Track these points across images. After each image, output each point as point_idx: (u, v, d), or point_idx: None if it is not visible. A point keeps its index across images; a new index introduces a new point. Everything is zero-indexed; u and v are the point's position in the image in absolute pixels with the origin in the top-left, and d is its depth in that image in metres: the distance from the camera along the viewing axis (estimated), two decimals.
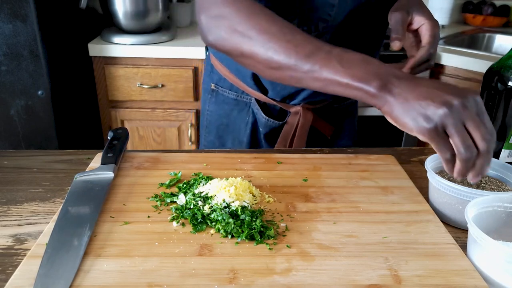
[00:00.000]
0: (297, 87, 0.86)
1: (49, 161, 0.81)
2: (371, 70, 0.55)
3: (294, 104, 0.91)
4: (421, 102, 0.51)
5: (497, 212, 0.59)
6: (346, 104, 0.98)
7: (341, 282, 0.51)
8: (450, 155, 0.52)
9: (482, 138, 0.50)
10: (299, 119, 0.91)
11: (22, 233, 0.60)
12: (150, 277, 0.51)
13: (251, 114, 0.94)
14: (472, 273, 0.53)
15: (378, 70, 0.55)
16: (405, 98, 0.53)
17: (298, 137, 0.92)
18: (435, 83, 0.53)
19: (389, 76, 0.55)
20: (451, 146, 0.51)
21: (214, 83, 0.98)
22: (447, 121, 0.50)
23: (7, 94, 1.60)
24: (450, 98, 0.51)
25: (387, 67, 0.56)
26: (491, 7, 2.23)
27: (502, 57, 0.74)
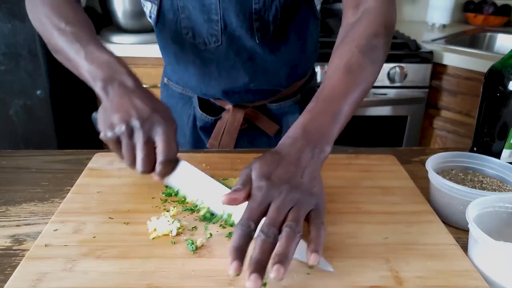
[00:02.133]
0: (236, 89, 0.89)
1: (48, 161, 0.80)
2: (104, 72, 0.62)
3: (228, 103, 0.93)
4: (114, 111, 0.59)
5: (498, 212, 0.59)
6: (286, 105, 0.96)
7: (342, 284, 0.50)
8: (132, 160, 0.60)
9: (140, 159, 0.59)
10: (228, 117, 0.93)
11: (21, 234, 0.60)
12: (149, 279, 0.50)
13: (193, 108, 0.97)
14: (473, 274, 0.52)
15: (110, 73, 0.62)
16: (111, 102, 0.60)
17: (226, 133, 0.93)
18: (142, 99, 0.60)
19: (115, 80, 0.62)
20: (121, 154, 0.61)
21: (167, 78, 1.02)
22: (121, 136, 0.59)
23: (6, 94, 1.60)
24: (132, 117, 0.58)
25: (122, 73, 0.62)
26: (492, 6, 2.22)
27: (504, 57, 0.74)
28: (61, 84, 1.69)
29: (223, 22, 0.81)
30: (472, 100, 1.70)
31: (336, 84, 0.61)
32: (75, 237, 0.57)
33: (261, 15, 0.80)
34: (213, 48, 0.84)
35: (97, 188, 0.68)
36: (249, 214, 0.48)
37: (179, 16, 0.82)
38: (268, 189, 0.49)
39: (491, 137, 0.75)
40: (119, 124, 0.58)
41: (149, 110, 0.59)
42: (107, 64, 0.63)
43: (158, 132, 0.59)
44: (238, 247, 0.45)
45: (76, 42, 0.66)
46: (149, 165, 0.60)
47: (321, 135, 0.56)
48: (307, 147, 0.54)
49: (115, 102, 0.60)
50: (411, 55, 1.72)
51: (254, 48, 0.84)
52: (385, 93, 1.74)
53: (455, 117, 1.76)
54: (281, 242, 0.46)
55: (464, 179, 0.68)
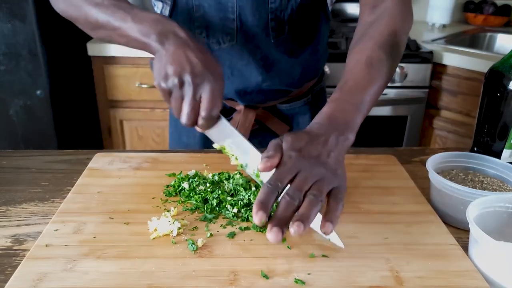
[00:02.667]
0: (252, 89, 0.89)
1: (48, 161, 0.80)
2: (156, 27, 0.63)
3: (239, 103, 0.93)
4: (169, 63, 0.59)
5: (498, 212, 0.59)
6: (296, 105, 0.97)
7: (343, 284, 0.50)
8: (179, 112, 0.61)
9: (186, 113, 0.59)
10: (240, 117, 0.93)
11: (21, 234, 0.60)
12: (150, 279, 0.50)
13: None
14: (474, 274, 0.52)
15: (163, 27, 0.63)
16: (167, 51, 0.61)
17: None
18: (196, 53, 0.60)
19: (169, 33, 0.62)
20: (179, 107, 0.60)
21: None
22: (173, 88, 0.59)
23: (6, 94, 1.60)
24: (184, 72, 0.58)
25: (174, 26, 0.63)
26: (492, 6, 2.22)
27: (504, 57, 0.74)
28: (61, 84, 1.69)
29: (239, 21, 0.81)
30: (472, 100, 1.70)
31: (359, 77, 0.64)
32: (75, 237, 0.57)
33: (277, 15, 0.81)
34: (227, 47, 0.84)
35: (97, 188, 0.68)
36: (278, 176, 0.50)
37: (194, 15, 0.82)
38: (298, 159, 0.52)
39: (491, 137, 0.75)
40: (172, 76, 0.59)
41: (201, 66, 0.59)
42: (157, 20, 0.64)
43: (206, 89, 0.59)
44: (263, 201, 0.48)
45: (119, 10, 0.66)
46: (193, 119, 0.61)
47: (345, 124, 0.58)
48: (333, 134, 0.56)
49: (171, 52, 0.60)
50: (411, 55, 1.72)
51: (268, 48, 0.84)
52: (385, 93, 1.74)
53: (455, 117, 1.76)
54: (303, 205, 0.48)
55: (464, 179, 0.68)
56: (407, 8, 0.73)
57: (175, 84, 0.59)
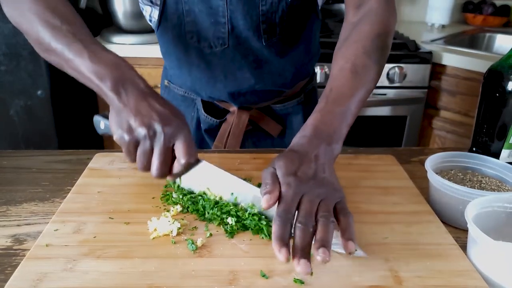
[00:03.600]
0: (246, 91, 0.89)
1: (49, 161, 0.81)
2: (112, 72, 0.60)
3: (232, 105, 0.93)
4: (133, 114, 0.57)
5: (497, 212, 0.59)
6: (289, 105, 0.97)
7: (342, 283, 0.51)
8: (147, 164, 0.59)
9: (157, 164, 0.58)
10: (234, 119, 0.93)
11: (21, 234, 0.60)
12: (150, 279, 0.50)
13: (196, 110, 0.97)
14: (473, 274, 0.53)
15: (120, 74, 0.60)
16: (125, 105, 0.58)
17: (232, 135, 0.94)
18: (160, 102, 0.59)
19: (126, 81, 0.59)
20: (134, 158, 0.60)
21: (167, 80, 1.02)
22: (141, 139, 0.58)
23: (6, 94, 1.60)
24: (153, 121, 0.57)
25: (133, 75, 0.61)
26: (492, 7, 2.22)
27: (503, 57, 0.74)
28: (62, 84, 1.69)
29: (230, 25, 0.81)
30: (471, 100, 1.70)
31: (343, 85, 0.63)
32: (75, 237, 0.57)
33: (268, 17, 0.81)
34: (219, 51, 0.84)
35: (97, 188, 0.69)
36: (285, 207, 0.50)
37: (184, 20, 0.82)
38: (298, 184, 0.52)
39: (490, 137, 0.76)
40: (140, 127, 0.57)
41: (169, 113, 0.58)
42: (114, 64, 0.61)
43: (180, 136, 0.58)
44: (281, 237, 0.48)
45: (76, 42, 0.62)
46: (166, 170, 0.59)
47: (332, 134, 0.59)
48: (321, 145, 0.57)
49: (131, 104, 0.58)
50: (410, 56, 1.72)
51: (260, 50, 0.85)
52: (384, 93, 1.75)
53: (454, 117, 1.76)
54: (319, 230, 0.49)
55: (463, 179, 0.69)
56: (391, 8, 0.73)
57: (143, 135, 0.57)
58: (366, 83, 0.65)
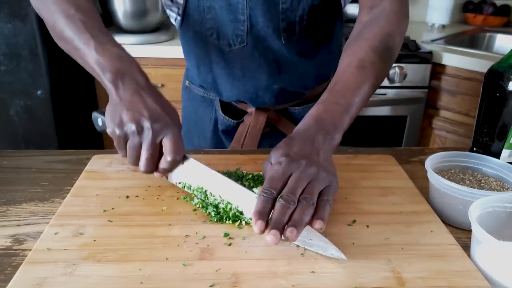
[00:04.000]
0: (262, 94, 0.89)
1: (49, 161, 0.80)
2: (114, 65, 0.61)
3: (250, 106, 0.93)
4: (125, 109, 0.59)
5: (497, 212, 0.59)
6: (308, 108, 0.96)
7: (344, 285, 0.50)
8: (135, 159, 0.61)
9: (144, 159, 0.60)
10: (251, 120, 0.93)
11: (21, 234, 0.60)
12: (151, 282, 0.50)
13: (214, 111, 0.97)
14: (475, 274, 0.52)
15: (121, 66, 0.61)
16: (122, 98, 0.60)
17: (249, 137, 0.93)
18: (153, 98, 0.60)
19: (125, 74, 0.61)
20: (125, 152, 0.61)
21: (189, 80, 1.02)
22: (130, 134, 0.59)
23: (6, 94, 1.60)
24: (142, 117, 0.58)
25: (133, 69, 0.62)
26: (492, 6, 2.22)
27: (503, 57, 0.74)
28: (62, 84, 1.69)
29: (249, 22, 0.80)
30: (471, 100, 1.70)
31: (349, 79, 0.64)
32: (75, 241, 0.57)
33: (288, 15, 0.80)
34: (237, 49, 0.84)
35: (95, 190, 0.68)
36: (270, 184, 0.53)
37: (205, 16, 0.82)
38: (288, 163, 0.54)
39: (490, 137, 0.75)
40: (130, 122, 0.58)
41: (159, 110, 0.60)
42: (118, 57, 0.63)
43: (167, 133, 0.60)
44: (261, 210, 0.51)
45: (85, 32, 0.64)
46: (153, 166, 0.61)
47: (333, 125, 0.60)
48: (320, 134, 0.58)
49: (126, 98, 0.60)
50: (411, 55, 1.72)
51: (279, 49, 0.84)
52: (384, 93, 1.75)
53: (454, 117, 1.76)
54: (296, 211, 0.51)
55: (463, 178, 0.69)
56: (404, 9, 0.74)
57: (132, 131, 0.59)
58: (371, 78, 0.65)
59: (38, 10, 0.71)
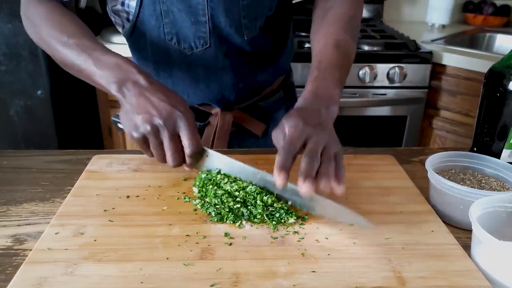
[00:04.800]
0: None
1: (49, 161, 0.80)
2: (115, 75, 0.64)
3: (215, 107, 0.92)
4: (136, 113, 0.61)
5: (498, 212, 0.59)
6: (271, 102, 0.97)
7: (345, 285, 0.50)
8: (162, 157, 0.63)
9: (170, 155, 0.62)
10: (218, 120, 0.92)
11: (22, 234, 0.60)
12: (151, 282, 0.50)
13: None
14: (475, 274, 0.52)
15: (121, 74, 0.64)
16: (130, 103, 0.62)
17: (217, 138, 0.93)
18: (158, 96, 0.62)
19: (127, 80, 0.63)
20: (150, 153, 0.64)
21: None
22: (148, 135, 0.61)
23: (6, 94, 1.60)
24: (154, 117, 0.60)
25: (133, 72, 0.64)
26: (492, 7, 2.22)
27: (503, 57, 0.74)
28: (62, 84, 1.69)
29: (211, 23, 0.80)
30: (471, 100, 1.70)
31: (330, 57, 0.71)
32: (75, 241, 0.57)
33: (249, 12, 0.80)
34: (200, 51, 0.83)
35: (96, 190, 0.68)
36: (291, 140, 0.56)
37: (163, 21, 0.80)
38: (304, 127, 0.58)
39: (491, 137, 0.75)
40: (143, 124, 0.60)
41: (168, 106, 0.61)
42: (116, 66, 0.65)
43: (181, 126, 0.61)
44: (283, 165, 0.55)
45: (82, 53, 0.68)
46: (180, 159, 0.63)
47: (329, 98, 0.64)
48: (321, 107, 0.62)
49: (133, 103, 0.62)
50: (411, 56, 1.72)
51: (242, 47, 0.84)
52: (384, 93, 1.75)
53: (454, 117, 1.76)
54: (322, 167, 0.55)
55: (463, 178, 0.69)
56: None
57: (148, 132, 0.60)
58: (348, 56, 0.73)
59: (40, 46, 0.76)
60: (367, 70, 1.67)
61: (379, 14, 2.27)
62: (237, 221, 0.61)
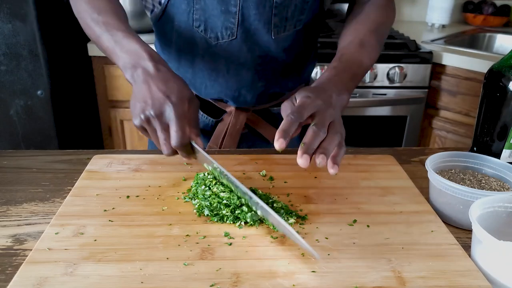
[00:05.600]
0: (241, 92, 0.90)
1: (49, 161, 0.80)
2: (131, 60, 0.66)
3: (230, 105, 0.92)
4: (137, 101, 0.63)
5: (498, 212, 0.59)
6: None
7: (345, 285, 0.50)
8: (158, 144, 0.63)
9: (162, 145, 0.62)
10: (231, 119, 0.92)
11: (22, 233, 0.60)
12: (152, 282, 0.50)
13: None
14: (475, 274, 0.53)
15: (135, 60, 0.65)
16: (136, 90, 0.64)
17: (228, 136, 0.93)
18: (158, 85, 0.62)
19: (138, 67, 0.65)
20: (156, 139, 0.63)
21: None
22: (143, 124, 0.62)
23: (6, 94, 1.60)
24: (148, 107, 0.61)
25: (144, 59, 0.65)
26: (492, 6, 2.22)
27: (503, 57, 0.74)
28: (62, 84, 1.69)
29: (241, 14, 0.79)
30: (471, 100, 1.70)
31: (353, 53, 0.73)
32: (75, 241, 0.57)
33: (280, 10, 0.80)
34: (225, 43, 0.82)
35: (96, 190, 0.68)
36: (299, 109, 0.57)
37: (193, 6, 0.80)
38: (315, 100, 0.59)
39: (491, 137, 0.75)
40: (140, 114, 0.62)
41: (162, 96, 0.62)
42: (133, 51, 0.66)
43: (170, 117, 0.61)
44: (286, 130, 0.55)
45: (106, 32, 0.69)
46: (171, 149, 0.63)
47: (343, 87, 0.66)
48: (334, 91, 0.64)
49: (138, 90, 0.64)
50: (411, 56, 1.72)
51: (268, 45, 0.84)
52: (384, 93, 1.75)
53: (454, 117, 1.76)
54: (327, 139, 0.56)
55: (463, 178, 0.69)
56: (392, 5, 0.86)
57: (143, 121, 0.62)
58: (370, 57, 0.75)
59: (82, 26, 0.77)
60: None
61: None
62: (237, 221, 0.61)
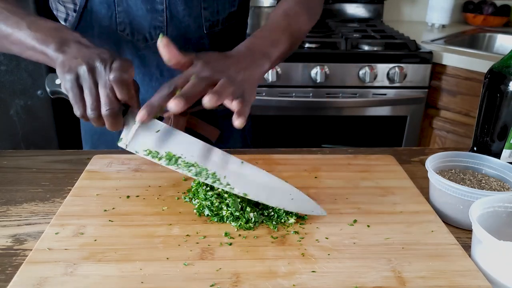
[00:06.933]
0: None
1: (49, 161, 0.80)
2: (55, 35, 0.59)
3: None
4: (73, 57, 0.56)
5: (498, 212, 0.59)
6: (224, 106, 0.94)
7: (345, 285, 0.50)
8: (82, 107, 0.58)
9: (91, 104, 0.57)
10: (170, 124, 0.87)
11: (22, 233, 0.60)
12: (152, 282, 0.50)
13: None
14: (476, 274, 0.52)
15: (62, 35, 0.60)
16: (70, 54, 0.57)
17: None
18: (89, 47, 0.58)
19: (70, 41, 0.59)
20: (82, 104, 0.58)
21: None
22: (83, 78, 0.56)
23: (6, 94, 1.60)
24: (94, 55, 0.56)
25: (77, 35, 0.60)
26: (492, 6, 2.22)
27: (503, 57, 0.74)
28: None
29: (169, 12, 0.76)
30: (471, 100, 1.70)
31: (276, 21, 0.73)
32: (75, 241, 0.57)
33: (210, 3, 0.78)
34: (155, 44, 0.76)
35: (96, 190, 0.68)
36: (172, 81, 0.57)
37: (115, 9, 0.75)
38: (201, 67, 0.58)
39: (491, 137, 0.75)
40: (80, 64, 0.55)
41: (109, 54, 0.57)
42: (56, 29, 0.61)
43: (116, 62, 0.56)
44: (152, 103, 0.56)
45: (13, 16, 0.62)
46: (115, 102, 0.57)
47: (262, 54, 0.65)
48: (249, 57, 0.63)
49: (74, 53, 0.57)
50: (411, 55, 1.72)
51: (201, 41, 0.81)
52: (384, 93, 1.75)
53: (455, 117, 1.76)
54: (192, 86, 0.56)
55: (463, 178, 0.69)
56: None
57: (84, 71, 0.55)
58: (296, 22, 0.74)
59: None
60: (367, 70, 1.67)
61: (379, 14, 2.27)
62: (237, 221, 0.61)
